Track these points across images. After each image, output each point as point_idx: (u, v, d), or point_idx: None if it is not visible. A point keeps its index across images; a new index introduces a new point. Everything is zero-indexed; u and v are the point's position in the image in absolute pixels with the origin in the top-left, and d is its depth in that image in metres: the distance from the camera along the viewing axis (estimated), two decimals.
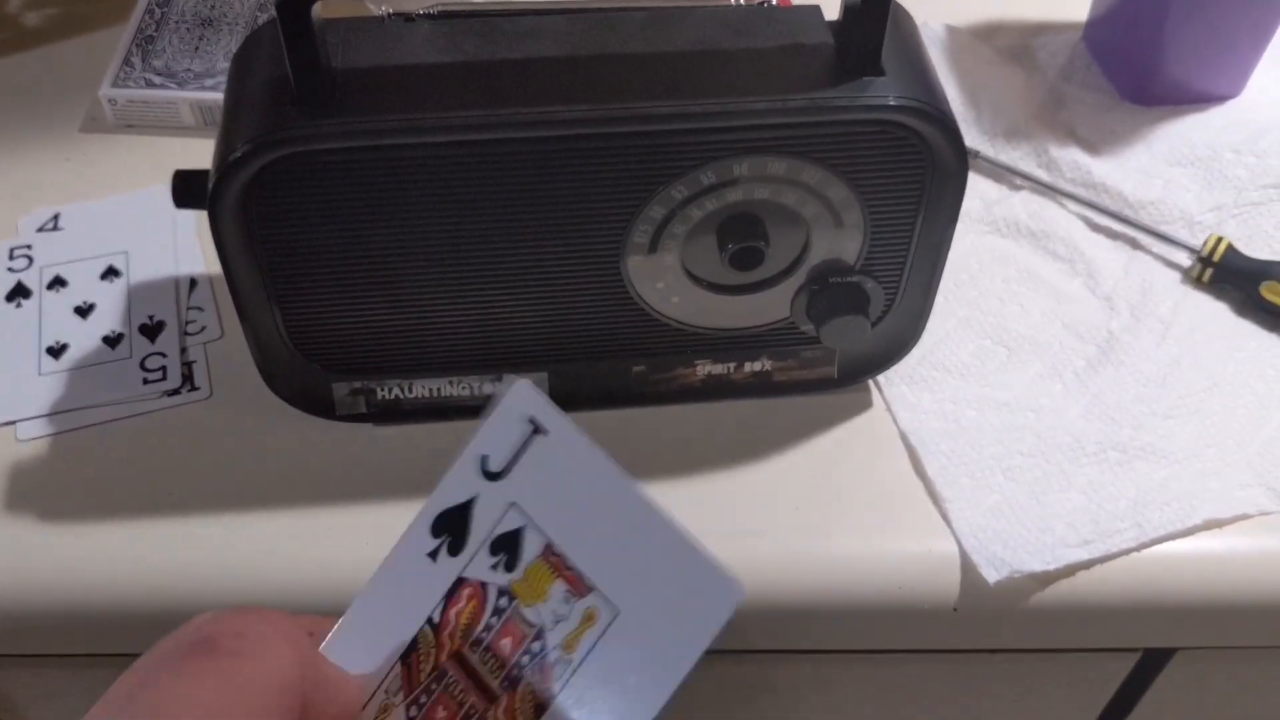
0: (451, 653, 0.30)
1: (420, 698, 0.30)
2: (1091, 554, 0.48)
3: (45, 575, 0.48)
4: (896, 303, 0.50)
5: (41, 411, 0.52)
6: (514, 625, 0.29)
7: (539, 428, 0.30)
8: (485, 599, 0.30)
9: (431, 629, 0.30)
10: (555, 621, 0.29)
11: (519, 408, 0.30)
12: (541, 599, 0.29)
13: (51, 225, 0.59)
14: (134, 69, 0.64)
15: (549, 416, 0.30)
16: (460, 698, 0.29)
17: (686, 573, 0.29)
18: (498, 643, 0.29)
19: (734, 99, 0.42)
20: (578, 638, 0.29)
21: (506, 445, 0.30)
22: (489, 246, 0.46)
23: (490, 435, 0.30)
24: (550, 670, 0.29)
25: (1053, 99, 0.66)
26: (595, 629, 0.29)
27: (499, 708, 0.29)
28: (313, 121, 0.41)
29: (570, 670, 0.29)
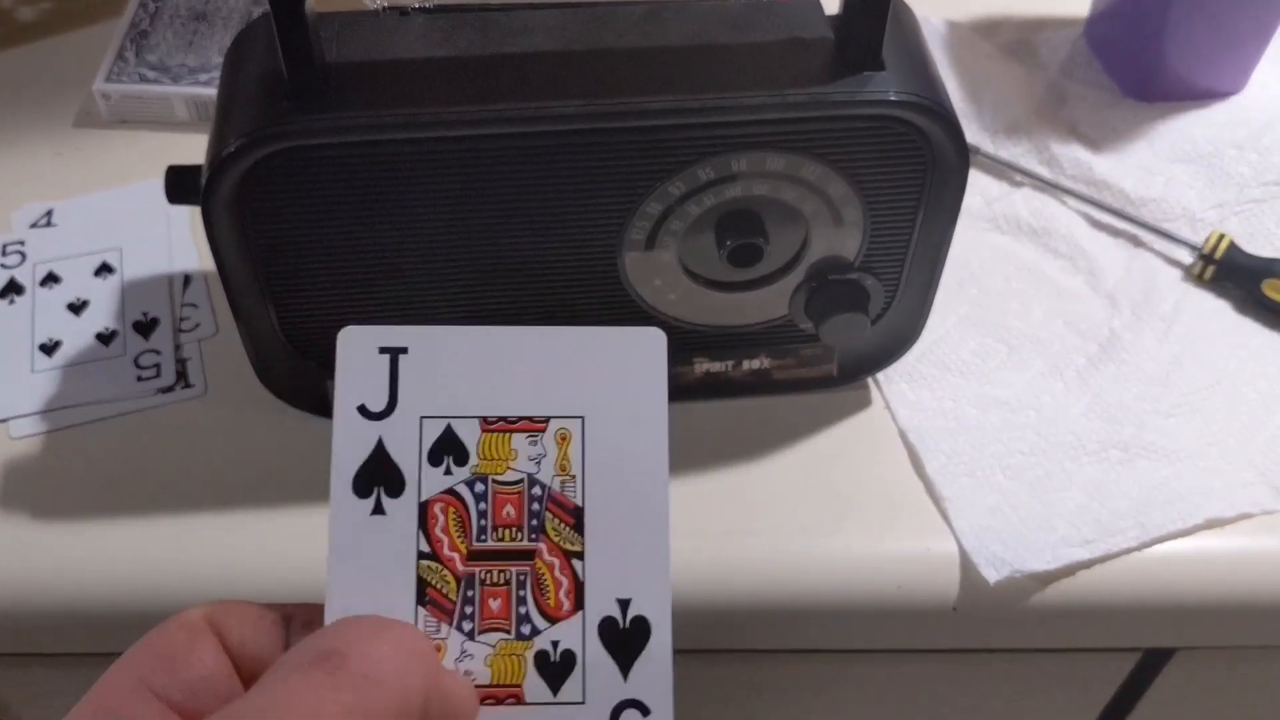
0: (464, 559, 0.30)
1: (464, 612, 0.30)
2: (1093, 553, 0.48)
3: (38, 574, 0.48)
4: (896, 300, 0.50)
5: (34, 409, 0.52)
6: (502, 494, 0.30)
7: (395, 350, 0.30)
8: (459, 498, 0.30)
9: (429, 559, 0.30)
10: (537, 461, 0.30)
11: (360, 351, 0.30)
12: (510, 459, 0.30)
13: (45, 221, 0.59)
14: (128, 64, 0.63)
15: (395, 336, 0.30)
16: (501, 579, 0.30)
17: (608, 349, 0.31)
18: (500, 515, 0.30)
19: (732, 94, 0.42)
20: (566, 458, 0.30)
21: (377, 384, 0.30)
22: (484, 242, 0.46)
23: (352, 387, 0.30)
24: (562, 494, 0.30)
25: (1054, 95, 0.66)
26: (575, 442, 0.30)
27: (541, 556, 0.30)
28: (306, 116, 0.41)
29: (579, 482, 0.30)
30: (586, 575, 0.30)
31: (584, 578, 0.30)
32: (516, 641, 0.30)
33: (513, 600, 0.30)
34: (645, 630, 0.30)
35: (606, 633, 0.30)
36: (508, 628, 0.30)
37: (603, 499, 0.30)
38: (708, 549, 0.48)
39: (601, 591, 0.30)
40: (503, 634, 0.30)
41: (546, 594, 0.30)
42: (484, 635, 0.30)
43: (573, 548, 0.30)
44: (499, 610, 0.30)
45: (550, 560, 0.30)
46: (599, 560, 0.30)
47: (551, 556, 0.30)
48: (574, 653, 0.29)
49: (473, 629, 0.30)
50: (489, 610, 0.30)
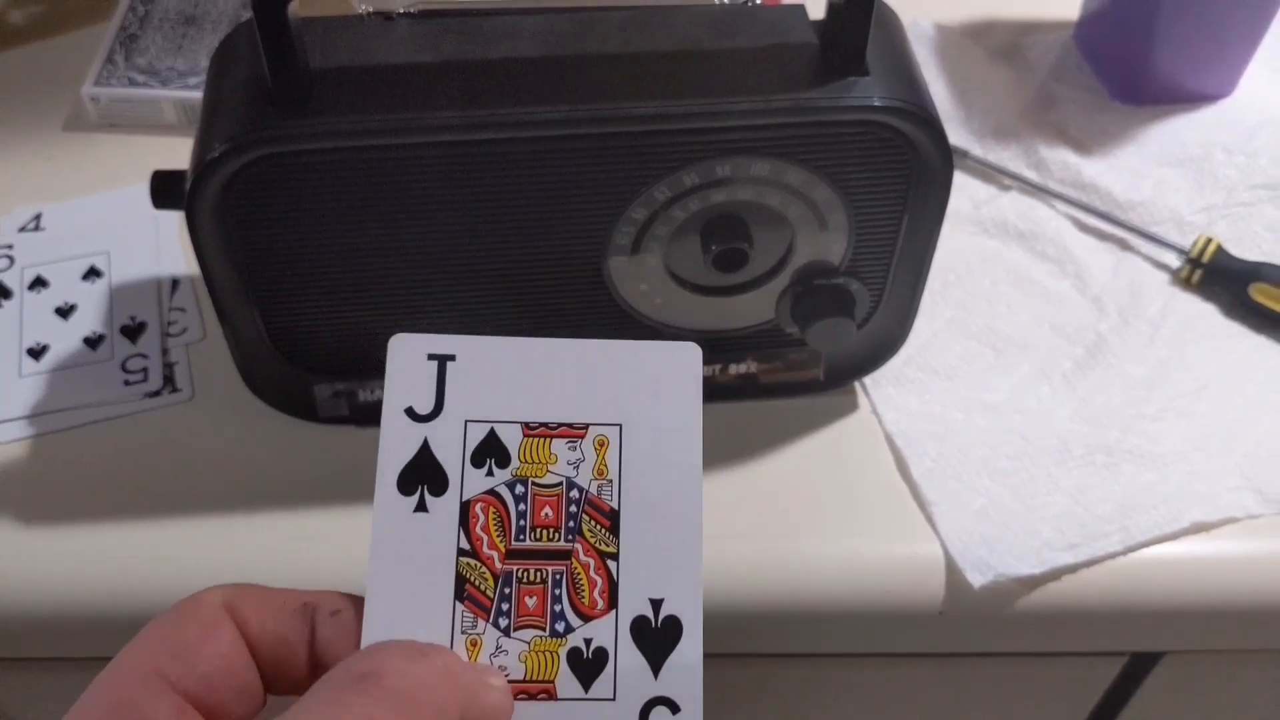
0: (502, 557, 0.31)
1: (501, 609, 0.30)
2: (1077, 558, 0.48)
3: (26, 578, 0.48)
4: (882, 304, 0.50)
5: (21, 413, 0.52)
6: (541, 496, 0.31)
7: (443, 356, 0.32)
8: (500, 498, 0.31)
9: (469, 556, 0.31)
10: (576, 466, 0.31)
11: (410, 358, 0.32)
12: (550, 462, 0.31)
13: (33, 225, 0.59)
14: (117, 67, 0.63)
15: (444, 344, 0.32)
16: (538, 577, 0.31)
17: (646, 359, 0.32)
18: (539, 516, 0.31)
19: (716, 99, 0.42)
20: (603, 463, 0.31)
21: (424, 388, 0.32)
22: (469, 248, 0.46)
23: (401, 390, 0.32)
24: (599, 498, 0.31)
25: (1043, 98, 0.66)
26: (612, 448, 0.32)
27: (577, 556, 0.31)
28: (290, 122, 0.41)
29: (616, 487, 0.31)
30: (620, 575, 0.31)
31: (618, 578, 0.31)
32: (550, 638, 0.30)
33: (548, 598, 0.31)
34: (677, 630, 0.30)
35: (639, 631, 0.30)
36: (542, 625, 0.30)
37: (638, 503, 0.31)
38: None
39: (635, 591, 0.31)
40: (537, 631, 0.30)
41: (581, 593, 0.31)
42: (519, 631, 0.30)
43: (608, 549, 0.31)
44: (534, 608, 0.30)
45: (585, 560, 0.31)
46: (633, 561, 0.31)
47: (587, 557, 0.31)
48: (606, 650, 0.30)
49: (508, 625, 0.30)
50: (525, 607, 0.30)
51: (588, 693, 0.30)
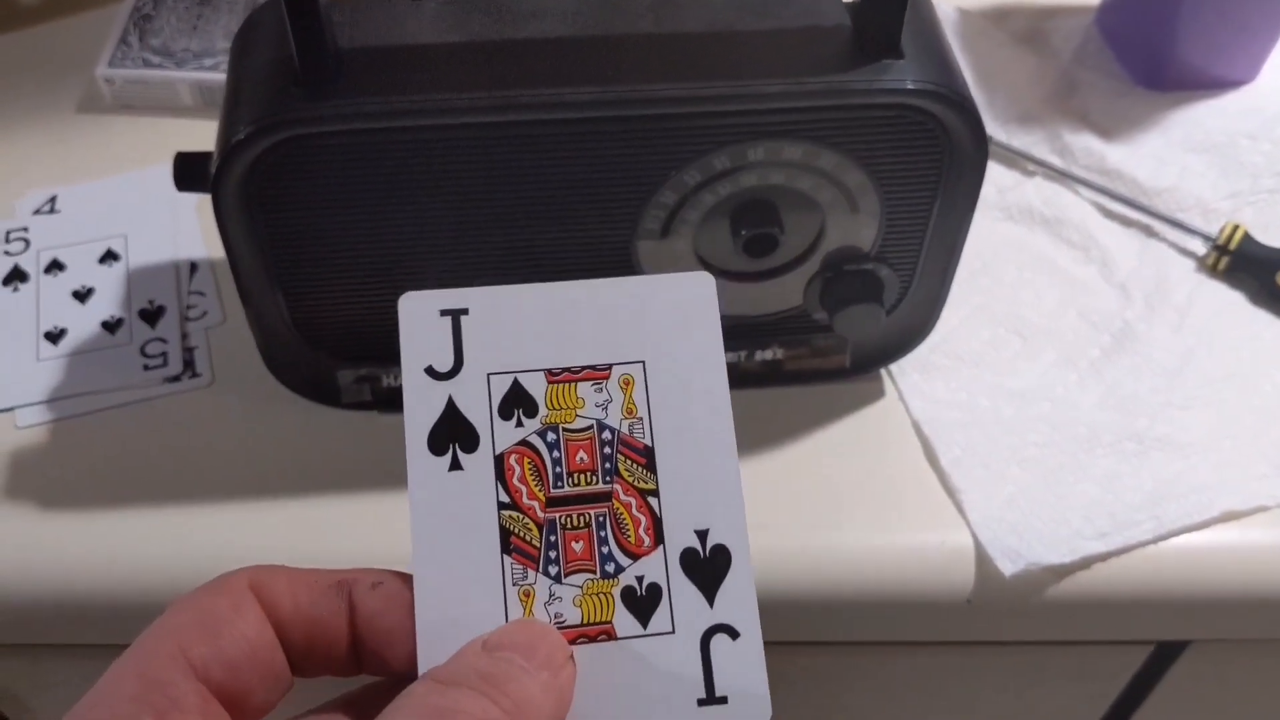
0: (543, 506, 0.30)
1: (549, 557, 0.30)
2: (1108, 546, 0.47)
3: (46, 565, 0.47)
4: (911, 290, 0.49)
5: (40, 398, 0.51)
6: (574, 441, 0.31)
7: (456, 311, 0.31)
8: (533, 448, 0.31)
9: (510, 508, 0.30)
10: (604, 407, 0.31)
11: (423, 316, 0.31)
12: (578, 407, 0.31)
13: (48, 208, 0.58)
14: (131, 48, 0.62)
15: (456, 298, 0.31)
16: (581, 521, 0.31)
17: (661, 295, 0.32)
18: (574, 461, 0.31)
19: (749, 81, 0.41)
20: (631, 401, 0.31)
21: (442, 346, 0.31)
22: (497, 231, 0.45)
23: (418, 351, 0.31)
24: (631, 436, 0.31)
25: (1065, 84, 0.65)
26: (638, 385, 0.31)
27: (618, 496, 0.31)
28: (317, 103, 0.40)
29: (646, 424, 0.31)
30: (663, 510, 0.31)
31: (661, 513, 0.31)
32: (602, 580, 0.30)
33: (594, 541, 0.30)
34: (726, 557, 0.30)
35: (688, 563, 0.30)
36: (592, 568, 0.30)
37: (670, 437, 0.31)
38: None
39: (679, 525, 0.31)
40: (588, 574, 0.30)
41: (626, 532, 0.31)
42: (570, 577, 0.30)
43: (647, 486, 0.31)
44: (582, 552, 0.30)
45: (626, 500, 0.31)
46: (673, 495, 0.31)
47: (627, 496, 0.31)
48: (659, 585, 0.30)
49: (559, 572, 0.30)
50: (572, 553, 0.30)
51: (646, 629, 0.30)
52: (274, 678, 0.29)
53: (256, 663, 0.28)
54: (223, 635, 0.28)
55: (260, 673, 0.28)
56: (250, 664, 0.28)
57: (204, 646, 0.27)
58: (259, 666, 0.28)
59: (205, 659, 0.27)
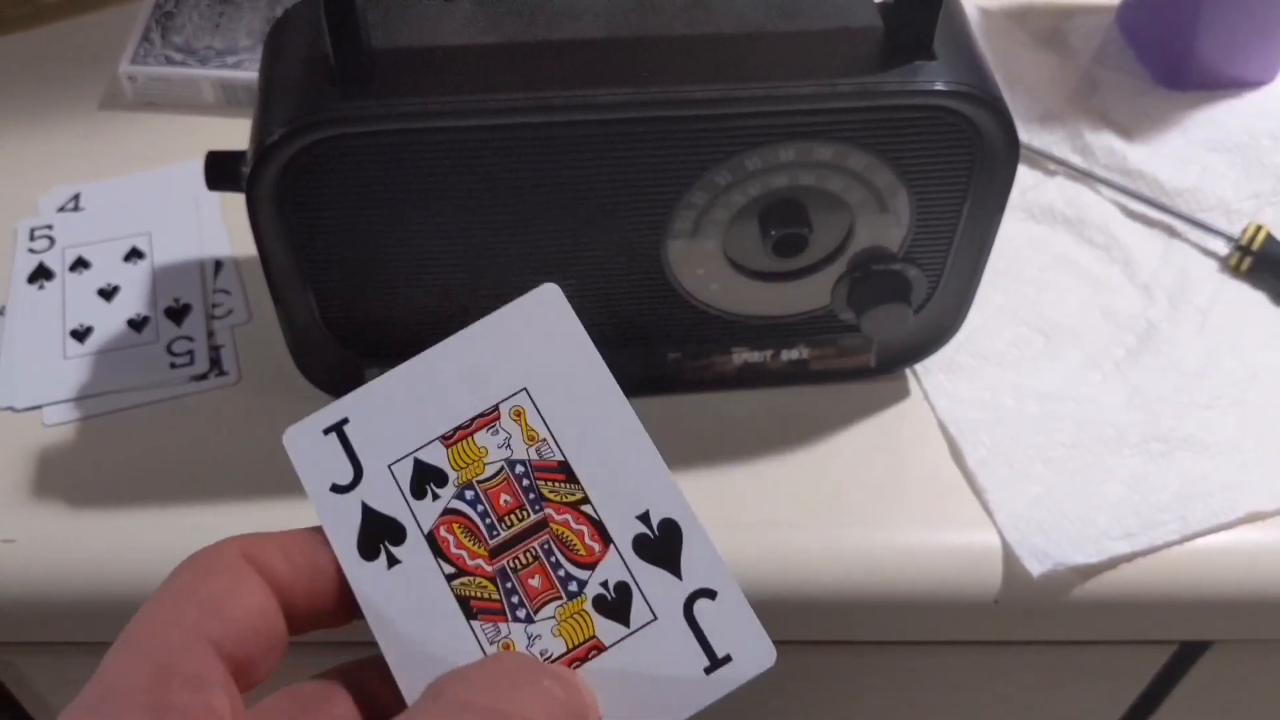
0: (489, 560, 0.31)
1: (513, 604, 0.30)
2: (1135, 546, 0.48)
3: (72, 562, 0.47)
4: (938, 291, 0.50)
5: (68, 396, 0.51)
6: (491, 489, 0.31)
7: (337, 424, 0.32)
8: (458, 512, 0.31)
9: (458, 576, 0.31)
10: (506, 445, 0.32)
11: (310, 444, 0.32)
12: (483, 456, 0.32)
13: (72, 205, 0.58)
14: (154, 45, 0.62)
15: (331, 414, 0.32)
16: (529, 557, 0.31)
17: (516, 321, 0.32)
18: (499, 506, 0.31)
19: (782, 83, 0.41)
20: (529, 428, 0.32)
21: (336, 462, 0.31)
22: (529, 232, 0.45)
23: (318, 475, 0.31)
24: (542, 460, 0.31)
25: (1086, 83, 0.65)
26: (529, 411, 0.32)
27: (552, 519, 0.31)
28: (353, 103, 0.40)
29: (551, 441, 0.32)
30: (599, 512, 0.31)
31: (598, 515, 0.31)
32: (570, 602, 0.30)
33: (549, 569, 0.31)
34: (675, 529, 0.31)
35: (643, 549, 0.31)
36: (557, 594, 0.31)
37: (578, 442, 0.31)
38: (746, 540, 0.48)
39: (620, 518, 0.31)
40: (556, 602, 0.30)
41: (574, 548, 0.31)
42: (540, 612, 0.30)
43: (575, 497, 0.31)
44: (541, 585, 0.31)
45: (562, 518, 0.31)
46: (603, 493, 0.31)
47: (562, 514, 0.31)
48: (625, 582, 0.30)
49: (528, 613, 0.30)
50: (532, 589, 0.30)
51: (630, 626, 0.30)
52: (275, 645, 0.29)
53: (260, 632, 0.28)
54: (228, 609, 0.28)
55: (264, 642, 0.28)
56: (254, 635, 0.28)
57: (216, 624, 0.27)
58: (262, 635, 0.28)
59: (220, 634, 0.27)
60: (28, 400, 0.51)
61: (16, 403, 0.51)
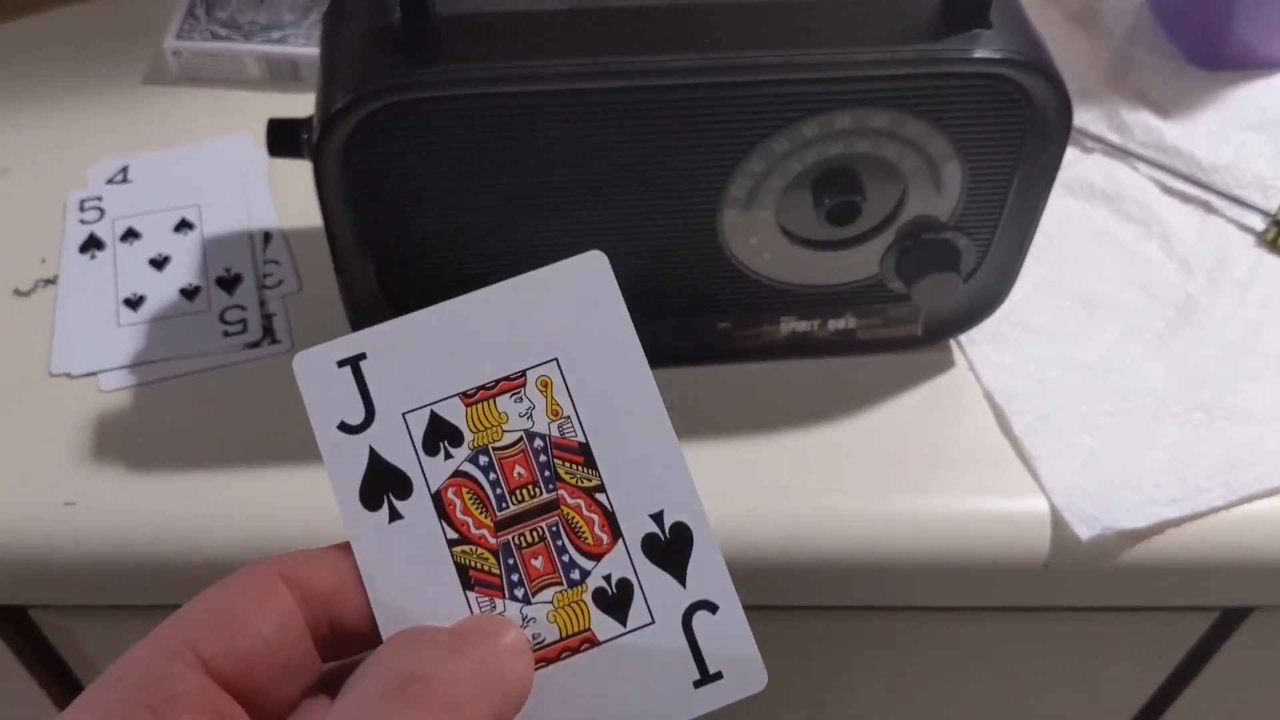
0: (493, 531, 0.30)
1: (511, 581, 0.30)
2: (1181, 511, 0.48)
3: (131, 525, 0.48)
4: (986, 260, 0.50)
5: (123, 363, 0.52)
6: (507, 458, 0.30)
7: (353, 359, 0.30)
8: (469, 476, 0.30)
9: (461, 544, 0.30)
10: (528, 415, 0.30)
11: (321, 373, 0.30)
12: (502, 422, 0.30)
13: (120, 177, 0.59)
14: (199, 20, 0.63)
15: (349, 346, 0.30)
16: (535, 537, 0.30)
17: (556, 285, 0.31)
18: (512, 478, 0.30)
19: (843, 49, 0.42)
20: (554, 402, 0.30)
21: (348, 398, 0.30)
22: (586, 199, 0.46)
23: (325, 409, 0.30)
24: (562, 438, 0.30)
25: (1121, 62, 0.66)
26: (557, 384, 0.30)
27: (564, 502, 0.30)
28: (420, 69, 0.41)
29: (575, 421, 0.30)
30: (613, 503, 0.30)
31: (612, 507, 0.30)
32: (571, 590, 0.30)
33: (553, 552, 0.30)
34: (687, 535, 0.30)
35: (651, 549, 0.30)
36: (558, 580, 0.30)
37: (602, 427, 0.30)
38: (796, 506, 0.49)
39: (633, 513, 0.30)
40: (556, 587, 0.30)
41: (582, 535, 0.30)
42: (539, 595, 0.30)
43: (591, 483, 0.30)
44: (544, 567, 0.30)
45: (574, 503, 0.30)
46: (619, 485, 0.30)
47: (574, 499, 0.30)
48: (628, 580, 0.30)
49: (525, 594, 0.29)
50: (534, 570, 0.30)
51: (626, 626, 0.29)
52: (293, 672, 0.28)
53: (273, 659, 0.27)
54: (236, 631, 0.27)
55: (277, 669, 0.27)
56: (265, 661, 0.27)
57: (216, 642, 0.26)
58: (276, 662, 0.27)
59: (216, 654, 0.26)
60: (84, 366, 0.52)
61: (73, 369, 0.51)
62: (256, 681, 0.27)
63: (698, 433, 0.50)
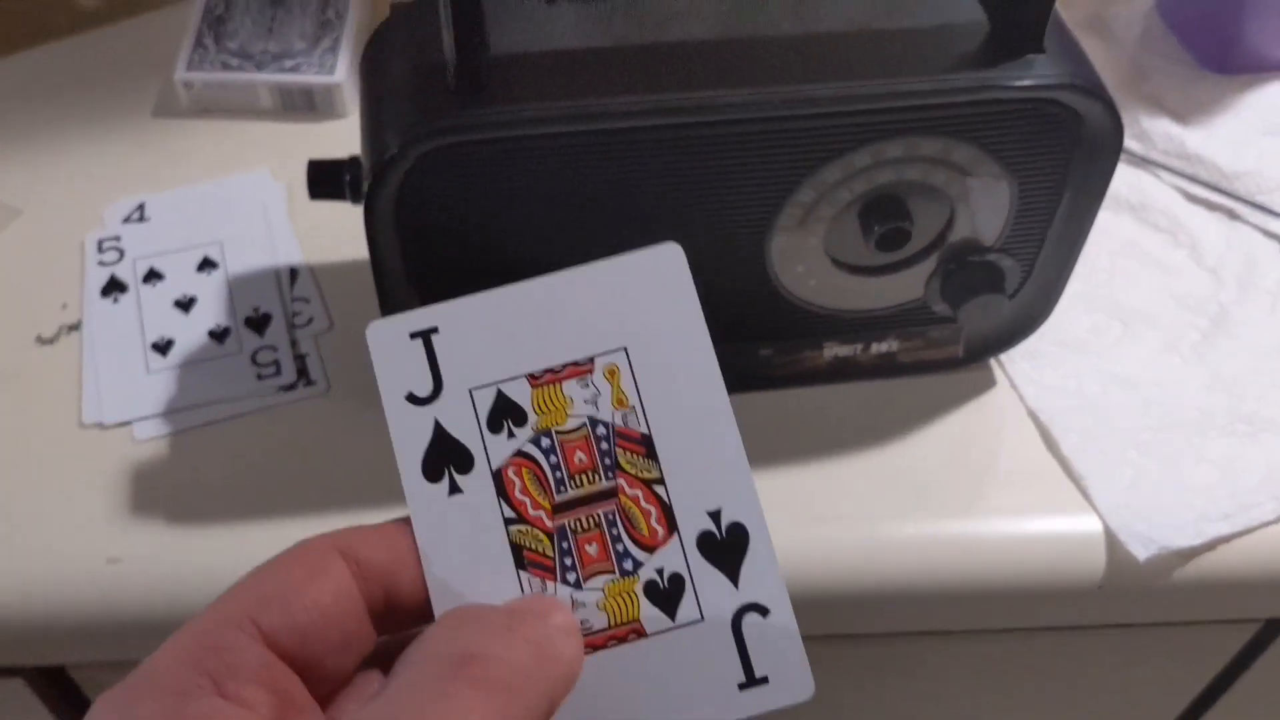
0: (550, 514, 0.30)
1: (565, 565, 0.30)
2: (1234, 527, 0.48)
3: (178, 579, 0.47)
4: (1030, 280, 0.50)
5: (156, 411, 0.50)
6: (569, 443, 0.30)
7: (426, 332, 0.30)
8: (530, 457, 0.30)
9: (517, 523, 0.30)
10: (594, 402, 0.30)
11: (393, 343, 0.30)
12: (567, 407, 0.30)
13: (138, 216, 0.58)
14: (208, 51, 0.61)
15: (422, 318, 0.30)
16: (591, 523, 0.30)
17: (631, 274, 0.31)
18: (573, 463, 0.30)
19: (898, 80, 0.42)
20: (620, 391, 0.30)
21: (418, 370, 0.30)
22: (634, 232, 0.45)
23: (395, 379, 0.30)
24: (626, 427, 0.30)
25: (1135, 70, 0.66)
26: (624, 373, 0.30)
27: (623, 491, 0.30)
28: (474, 110, 0.40)
29: (639, 411, 0.30)
30: (671, 497, 0.30)
31: (670, 500, 0.30)
32: (623, 579, 0.30)
33: (608, 540, 0.30)
34: (744, 535, 0.30)
35: (706, 547, 0.30)
36: (610, 568, 0.30)
37: (666, 420, 0.30)
38: (844, 533, 0.48)
39: (690, 509, 0.30)
40: (608, 575, 0.30)
41: (638, 526, 0.30)
42: (590, 581, 0.30)
43: (651, 475, 0.30)
44: (597, 554, 0.30)
45: (633, 493, 0.30)
46: (679, 480, 0.30)
47: (633, 489, 0.30)
48: (681, 575, 0.30)
49: (577, 579, 0.30)
50: (588, 556, 0.30)
51: (675, 620, 0.30)
52: (349, 645, 0.28)
53: (328, 630, 0.27)
54: (293, 602, 0.27)
55: (334, 641, 0.28)
56: (322, 633, 0.27)
57: (274, 612, 0.27)
58: (332, 633, 0.28)
59: (274, 624, 0.27)
60: (116, 416, 0.50)
61: (105, 419, 0.50)
62: (313, 653, 0.27)
63: None
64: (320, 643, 0.27)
